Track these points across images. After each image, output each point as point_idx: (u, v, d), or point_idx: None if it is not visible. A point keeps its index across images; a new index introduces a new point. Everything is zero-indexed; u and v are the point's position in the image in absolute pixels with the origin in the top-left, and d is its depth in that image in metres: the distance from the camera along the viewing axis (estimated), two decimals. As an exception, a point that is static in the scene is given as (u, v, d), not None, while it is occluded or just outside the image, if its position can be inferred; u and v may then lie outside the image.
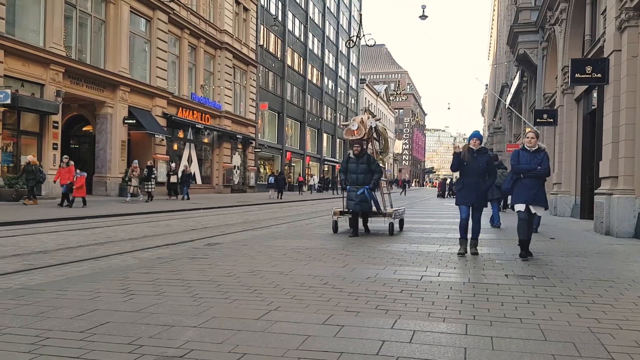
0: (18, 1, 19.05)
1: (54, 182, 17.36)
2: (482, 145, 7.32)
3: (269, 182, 31.07)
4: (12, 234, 9.66)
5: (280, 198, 29.24)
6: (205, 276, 5.26)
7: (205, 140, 32.77)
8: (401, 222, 10.50)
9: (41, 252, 7.61)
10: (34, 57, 18.77)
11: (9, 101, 16.96)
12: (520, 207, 6.98)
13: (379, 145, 10.69)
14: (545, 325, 3.68)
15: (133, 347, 3.05)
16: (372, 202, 9.36)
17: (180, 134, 29.87)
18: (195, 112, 30.52)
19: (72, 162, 17.27)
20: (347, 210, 9.49)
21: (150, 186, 21.21)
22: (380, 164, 10.07)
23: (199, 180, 31.90)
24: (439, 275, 5.51)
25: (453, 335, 3.41)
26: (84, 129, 25.77)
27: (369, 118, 10.09)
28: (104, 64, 23.06)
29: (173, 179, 24.24)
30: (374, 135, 10.41)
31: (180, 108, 29.01)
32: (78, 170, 16.84)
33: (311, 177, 49.47)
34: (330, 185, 48.35)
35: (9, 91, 17.00)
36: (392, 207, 10.59)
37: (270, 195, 30.10)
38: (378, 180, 9.43)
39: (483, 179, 7.09)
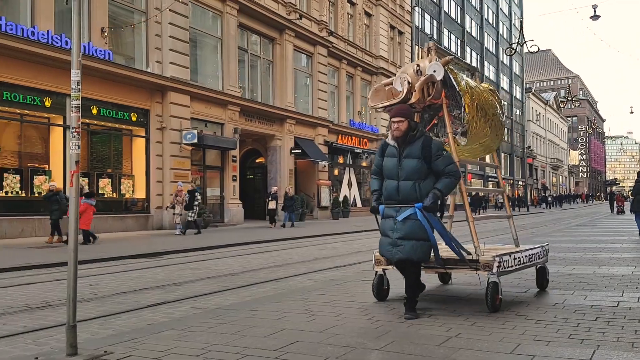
0: (199, 51, 21.65)
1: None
2: None
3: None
4: (204, 258, 10.83)
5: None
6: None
7: (364, 164, 33.53)
8: (542, 275, 5.47)
9: (229, 274, 8.40)
10: (214, 99, 21.07)
11: (195, 140, 19.29)
12: None
13: (461, 118, 5.05)
14: None
15: (322, 366, 3.21)
16: (438, 238, 4.55)
17: (340, 160, 30.99)
18: (353, 137, 31.56)
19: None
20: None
21: (191, 215, 17.06)
22: (455, 157, 4.80)
23: (358, 204, 32.69)
24: (638, 301, 4.89)
25: (668, 371, 3.00)
26: (257, 160, 28.11)
27: (431, 62, 4.97)
28: (273, 100, 25.03)
29: (271, 204, 20.79)
30: (447, 98, 5.00)
31: (340, 135, 30.21)
32: (81, 198, 12.35)
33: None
34: (483, 205, 41.51)
35: (195, 132, 19.37)
36: (513, 245, 5.60)
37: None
38: (447, 192, 4.52)
39: None
